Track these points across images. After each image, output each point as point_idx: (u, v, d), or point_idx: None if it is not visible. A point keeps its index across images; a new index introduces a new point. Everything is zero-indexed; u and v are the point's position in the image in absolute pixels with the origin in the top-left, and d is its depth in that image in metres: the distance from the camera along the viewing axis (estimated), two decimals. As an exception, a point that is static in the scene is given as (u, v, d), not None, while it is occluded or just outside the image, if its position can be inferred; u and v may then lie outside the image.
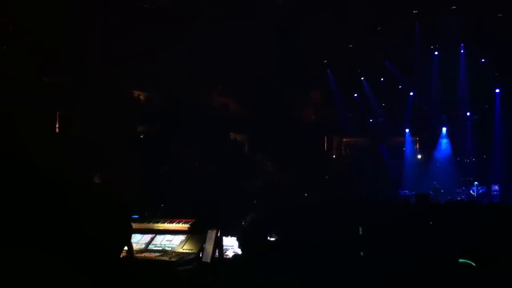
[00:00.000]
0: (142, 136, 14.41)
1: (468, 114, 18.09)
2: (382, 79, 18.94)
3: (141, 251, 4.54)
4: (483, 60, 17.24)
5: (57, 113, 13.03)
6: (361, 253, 3.71)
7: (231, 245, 5.09)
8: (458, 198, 14.89)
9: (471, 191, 15.88)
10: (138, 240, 4.83)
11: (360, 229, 4.38)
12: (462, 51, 17.41)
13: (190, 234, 4.83)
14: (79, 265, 3.60)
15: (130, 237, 4.22)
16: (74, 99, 12.29)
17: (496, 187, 15.70)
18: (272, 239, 5.09)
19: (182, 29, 14.14)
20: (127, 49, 12.82)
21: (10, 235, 3.49)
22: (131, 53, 13.13)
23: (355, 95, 19.51)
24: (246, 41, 15.47)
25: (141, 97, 15.41)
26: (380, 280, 3.28)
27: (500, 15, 15.08)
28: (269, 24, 15.13)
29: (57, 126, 12.90)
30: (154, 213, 5.91)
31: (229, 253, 5.08)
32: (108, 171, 5.13)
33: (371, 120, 19.81)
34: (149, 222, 5.06)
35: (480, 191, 15.80)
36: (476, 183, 16.08)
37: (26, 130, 9.95)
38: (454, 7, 15.11)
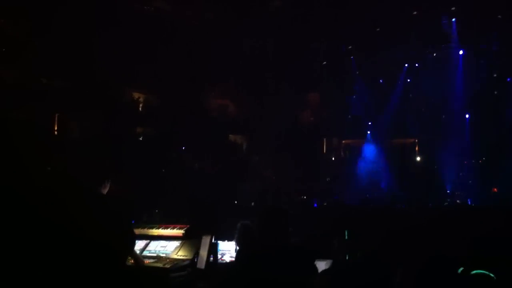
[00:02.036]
0: (140, 139, 14.41)
1: (467, 116, 18.08)
2: (381, 80, 18.94)
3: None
4: (482, 61, 17.25)
5: (56, 116, 13.02)
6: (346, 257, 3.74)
7: (228, 250, 5.10)
8: (457, 201, 14.89)
9: None
10: (132, 246, 4.81)
11: (346, 232, 4.39)
12: (461, 52, 17.38)
13: (184, 240, 4.84)
14: (79, 271, 3.61)
15: (132, 244, 4.22)
16: (72, 101, 12.29)
17: None
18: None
19: (179, 30, 14.14)
20: (125, 50, 12.82)
21: (10, 240, 3.50)
22: (129, 55, 13.13)
23: (354, 96, 19.50)
24: (244, 43, 15.49)
25: (140, 99, 15.42)
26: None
27: (500, 16, 15.09)
28: (266, 25, 15.14)
29: (55, 129, 12.89)
30: (152, 219, 5.91)
31: (226, 258, 5.08)
32: (106, 175, 5.12)
33: (369, 123, 19.78)
34: (143, 228, 5.07)
35: None
36: None
37: (24, 133, 9.93)
38: (454, 8, 15.14)
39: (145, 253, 4.77)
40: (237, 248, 4.74)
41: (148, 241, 4.92)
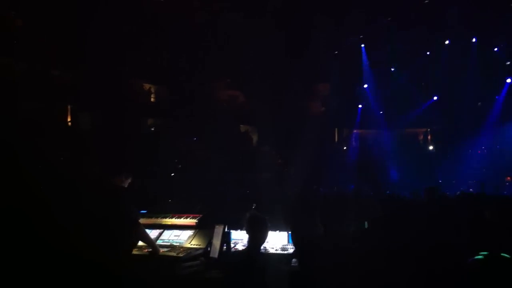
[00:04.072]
0: (152, 129, 14.47)
1: (479, 103, 17.93)
2: (392, 69, 18.80)
3: (148, 246, 4.57)
4: (495, 49, 17.07)
5: (68, 107, 13.12)
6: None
7: (241, 239, 5.12)
8: (470, 190, 14.76)
9: None
10: (146, 236, 4.84)
11: (366, 223, 4.40)
12: (473, 40, 17.18)
13: (197, 229, 4.86)
14: (82, 259, 3.67)
15: (133, 232, 4.29)
16: (83, 92, 12.37)
17: None
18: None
19: (190, 21, 14.11)
20: (136, 41, 12.84)
21: (13, 230, 3.57)
22: (140, 46, 13.16)
23: (365, 86, 19.39)
24: (254, 33, 15.40)
25: (152, 90, 15.47)
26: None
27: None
28: (276, 14, 15.05)
29: (68, 120, 12.99)
30: (165, 208, 5.92)
31: (239, 247, 5.11)
32: (118, 166, 5.17)
33: (381, 112, 19.65)
34: (157, 217, 5.10)
35: None
36: None
37: (36, 125, 10.03)
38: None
39: (159, 242, 4.80)
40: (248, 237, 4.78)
41: (161, 230, 4.95)
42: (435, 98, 18.80)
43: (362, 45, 18.01)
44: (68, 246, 3.82)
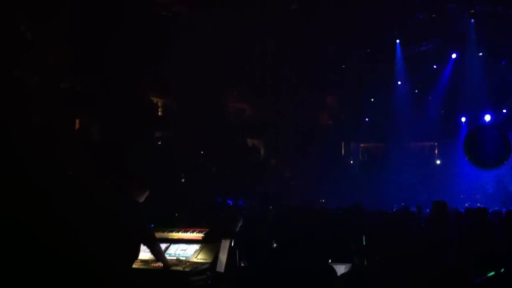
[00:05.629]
0: (160, 142, 14.51)
1: (487, 119, 17.85)
2: (399, 82, 18.80)
3: (155, 260, 4.57)
4: (503, 62, 17.08)
5: (76, 120, 13.22)
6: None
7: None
8: (478, 204, 14.65)
9: None
10: (153, 250, 4.85)
11: (364, 238, 4.40)
12: (480, 53, 17.18)
13: (204, 243, 4.84)
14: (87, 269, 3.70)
15: (149, 242, 4.32)
16: (93, 105, 12.47)
17: None
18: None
19: (198, 35, 14.23)
20: (144, 55, 12.96)
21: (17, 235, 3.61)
22: (148, 59, 13.27)
23: (372, 99, 19.39)
24: (262, 47, 15.53)
25: (159, 103, 15.56)
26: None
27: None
28: (284, 28, 15.16)
29: (76, 132, 13.08)
30: (172, 222, 5.94)
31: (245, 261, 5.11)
32: (125, 176, 5.21)
33: (387, 126, 19.61)
34: (163, 231, 5.08)
35: None
36: None
37: (46, 135, 10.12)
38: (473, 11, 15.02)
39: (165, 256, 4.79)
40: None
41: (168, 244, 4.92)
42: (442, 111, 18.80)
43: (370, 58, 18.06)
44: (76, 258, 3.84)
